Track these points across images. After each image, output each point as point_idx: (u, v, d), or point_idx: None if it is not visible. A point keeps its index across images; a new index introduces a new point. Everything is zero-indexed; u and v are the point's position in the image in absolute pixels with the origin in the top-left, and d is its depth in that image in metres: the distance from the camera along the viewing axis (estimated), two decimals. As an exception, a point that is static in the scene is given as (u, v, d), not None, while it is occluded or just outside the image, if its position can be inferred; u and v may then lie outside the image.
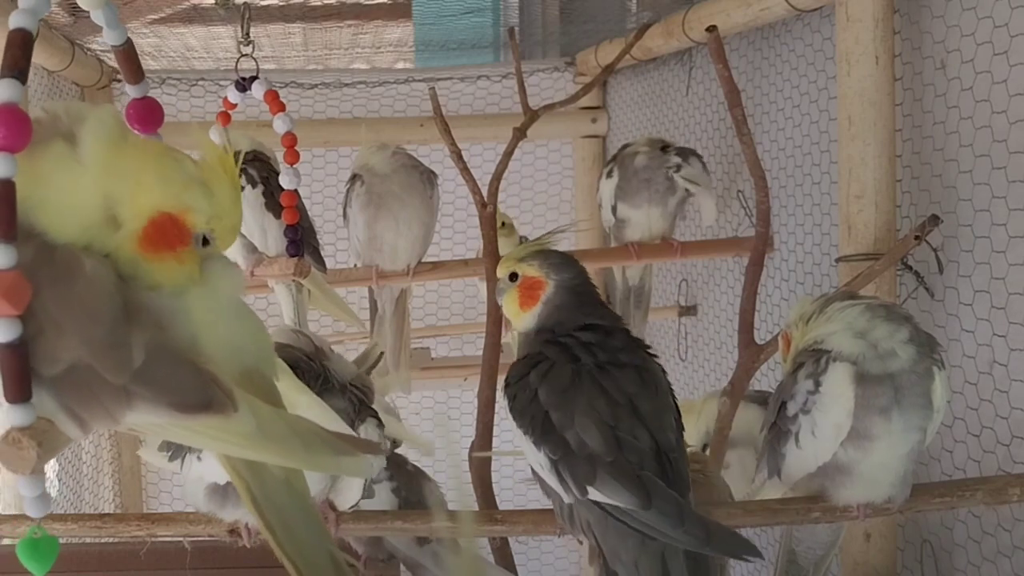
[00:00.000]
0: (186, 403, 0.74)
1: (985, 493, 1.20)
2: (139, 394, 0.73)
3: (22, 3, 0.72)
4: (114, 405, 0.73)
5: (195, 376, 0.74)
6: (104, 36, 0.84)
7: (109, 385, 0.72)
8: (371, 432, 1.25)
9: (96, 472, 2.81)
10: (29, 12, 0.72)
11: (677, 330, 2.57)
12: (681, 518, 1.01)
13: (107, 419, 0.74)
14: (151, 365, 0.73)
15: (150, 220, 0.74)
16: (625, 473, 1.03)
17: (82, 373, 0.72)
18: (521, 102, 1.79)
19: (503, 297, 1.18)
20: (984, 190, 1.40)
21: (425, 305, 3.12)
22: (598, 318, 1.15)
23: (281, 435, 0.77)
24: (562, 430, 1.06)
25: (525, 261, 1.17)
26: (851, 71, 1.54)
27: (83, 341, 0.71)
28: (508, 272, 1.18)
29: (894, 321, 1.14)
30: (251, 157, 1.88)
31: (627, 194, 2.03)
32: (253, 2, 1.67)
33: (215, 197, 0.76)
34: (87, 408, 0.73)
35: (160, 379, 0.73)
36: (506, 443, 2.73)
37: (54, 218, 0.72)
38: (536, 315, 1.15)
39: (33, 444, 0.70)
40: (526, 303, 1.16)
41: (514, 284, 1.17)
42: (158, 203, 0.74)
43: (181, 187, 0.75)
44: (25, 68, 0.71)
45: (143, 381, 0.73)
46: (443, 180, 2.18)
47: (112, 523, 1.21)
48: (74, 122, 0.76)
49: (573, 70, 3.06)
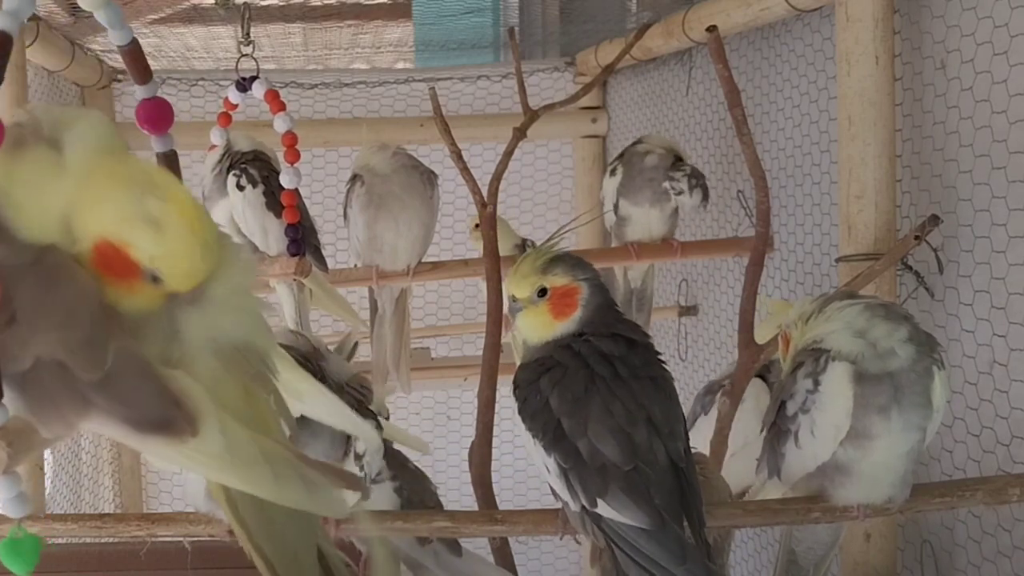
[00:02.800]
0: (142, 420, 0.73)
1: (985, 493, 1.19)
2: (97, 404, 0.72)
3: (5, 5, 0.72)
4: (71, 411, 0.72)
5: (157, 394, 0.73)
6: (110, 36, 0.84)
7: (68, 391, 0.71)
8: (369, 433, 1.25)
9: (96, 472, 2.81)
10: (11, 14, 0.72)
11: (677, 330, 2.58)
12: (683, 555, 1.01)
13: (62, 424, 0.74)
14: (114, 376, 0.72)
15: (94, 244, 0.73)
16: (638, 491, 1.02)
17: (44, 375, 0.71)
18: (521, 102, 1.79)
19: (523, 314, 1.12)
20: (984, 190, 1.40)
21: (425, 305, 3.12)
22: (622, 323, 1.13)
23: (250, 460, 0.75)
24: (574, 438, 1.05)
25: (550, 272, 1.12)
26: (851, 71, 1.54)
27: (59, 339, 0.71)
28: (536, 288, 1.12)
29: (893, 320, 1.14)
30: (251, 157, 1.89)
31: (630, 191, 2.03)
32: (253, 2, 1.67)
33: (164, 240, 0.72)
34: (43, 411, 0.73)
35: (120, 392, 0.72)
36: (506, 443, 2.74)
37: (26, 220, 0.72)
38: (577, 320, 1.11)
39: (2, 445, 0.70)
40: (563, 312, 1.11)
41: (544, 299, 1.11)
42: (101, 230, 0.73)
43: (126, 221, 0.72)
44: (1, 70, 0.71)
45: (103, 391, 0.72)
46: (443, 180, 2.18)
47: (112, 523, 1.21)
48: (59, 128, 0.75)
49: (573, 70, 3.06)
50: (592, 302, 1.12)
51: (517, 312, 1.13)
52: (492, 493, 1.55)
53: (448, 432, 3.14)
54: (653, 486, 1.04)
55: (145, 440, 0.74)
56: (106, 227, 0.72)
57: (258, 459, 0.75)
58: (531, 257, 1.14)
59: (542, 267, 1.12)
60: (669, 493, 1.05)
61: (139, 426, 0.73)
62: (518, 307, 1.13)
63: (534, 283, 1.12)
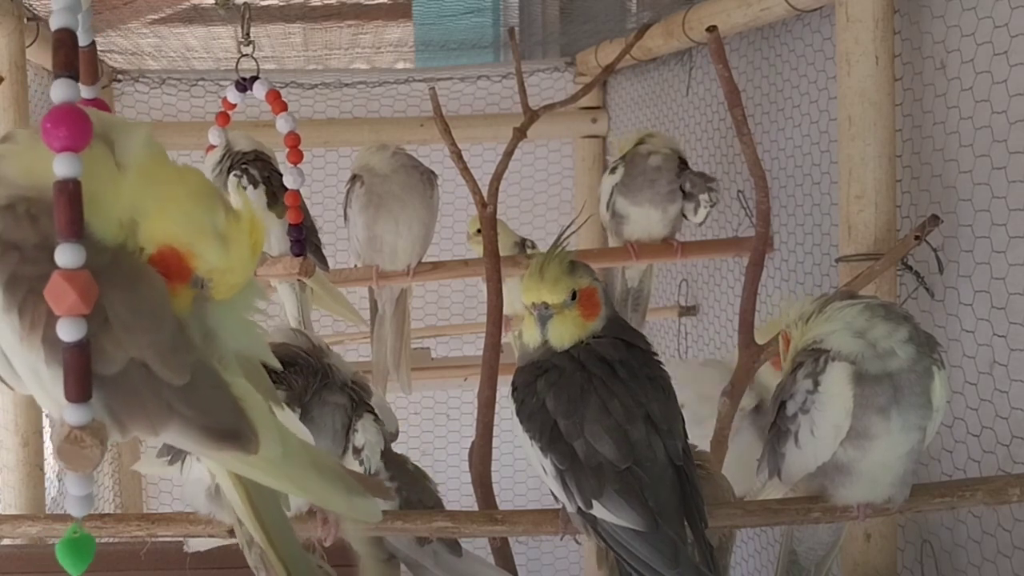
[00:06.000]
0: (217, 430, 0.74)
1: (985, 493, 1.20)
2: (179, 412, 0.73)
3: (59, 2, 0.71)
4: (157, 416, 0.73)
5: (230, 404, 0.74)
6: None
7: (156, 396, 0.72)
8: (368, 427, 1.25)
9: (96, 472, 2.80)
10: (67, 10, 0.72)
11: (677, 330, 2.58)
12: (676, 559, 1.02)
13: (148, 429, 0.74)
14: (194, 384, 0.73)
15: (159, 249, 0.74)
16: (632, 493, 1.03)
17: (134, 378, 0.72)
18: (521, 102, 1.79)
19: (556, 320, 1.10)
20: (984, 190, 1.40)
21: (425, 305, 3.12)
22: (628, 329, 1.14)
23: (303, 466, 0.77)
24: (570, 439, 1.05)
25: (575, 275, 1.11)
26: (851, 71, 1.54)
27: (150, 342, 0.71)
28: (569, 292, 1.10)
29: (893, 320, 1.14)
30: (252, 157, 1.88)
31: (630, 190, 2.02)
32: (253, 2, 1.67)
33: (228, 255, 0.75)
34: (131, 414, 0.73)
35: (199, 400, 0.73)
36: (506, 443, 2.74)
37: (97, 216, 0.72)
38: (603, 318, 1.12)
39: (96, 442, 0.70)
40: (592, 312, 1.11)
41: (575, 302, 1.10)
42: (171, 238, 0.74)
43: (199, 234, 0.74)
44: (77, 66, 0.71)
45: (184, 398, 0.72)
46: (443, 180, 2.18)
47: (112, 523, 1.21)
48: (107, 127, 0.75)
49: (573, 70, 3.06)
50: (608, 301, 1.13)
51: (548, 319, 1.10)
52: (492, 493, 1.55)
53: (448, 432, 3.15)
54: (648, 488, 1.04)
55: (218, 451, 0.74)
56: (176, 236, 0.74)
57: (309, 464, 0.77)
58: (554, 261, 1.11)
59: (563, 272, 1.11)
60: (669, 491, 1.05)
61: (214, 435, 0.74)
62: (549, 313, 1.10)
63: (567, 286, 1.10)
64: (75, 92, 0.69)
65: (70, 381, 0.69)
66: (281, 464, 0.76)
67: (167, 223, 0.74)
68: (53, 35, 0.71)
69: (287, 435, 0.77)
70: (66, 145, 0.68)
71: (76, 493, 0.73)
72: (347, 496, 0.79)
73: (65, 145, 0.68)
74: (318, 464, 0.78)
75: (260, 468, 0.77)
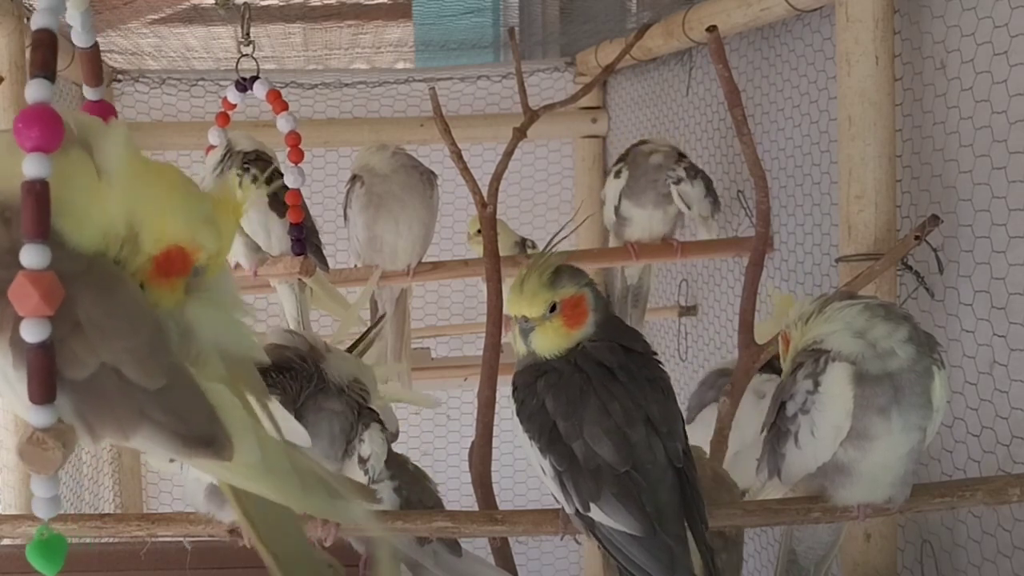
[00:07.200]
0: (190, 436, 0.73)
1: (985, 493, 1.20)
2: (151, 417, 0.72)
3: (42, 3, 0.71)
4: (127, 421, 0.72)
5: (204, 409, 0.74)
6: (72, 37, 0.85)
7: (127, 401, 0.72)
8: (375, 438, 1.24)
9: (96, 472, 2.81)
10: (49, 11, 0.72)
11: (677, 330, 2.58)
12: (672, 565, 1.02)
13: (118, 434, 0.74)
14: (168, 389, 0.73)
15: (166, 250, 0.74)
16: (630, 497, 1.03)
17: (105, 382, 0.71)
18: (521, 102, 1.79)
19: (537, 333, 1.10)
20: (984, 190, 1.40)
21: (425, 305, 3.12)
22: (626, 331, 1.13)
23: (282, 471, 0.76)
24: (569, 440, 1.05)
25: (557, 286, 1.09)
26: (851, 71, 1.54)
27: (125, 348, 0.71)
28: (548, 306, 1.09)
29: (893, 320, 1.14)
30: (253, 157, 1.88)
31: (634, 192, 2.03)
32: (253, 2, 1.67)
33: (221, 238, 0.77)
34: (101, 419, 0.73)
35: (173, 405, 0.73)
36: (506, 443, 2.74)
37: (74, 223, 0.72)
38: (592, 323, 1.10)
39: (58, 444, 0.70)
40: (578, 321, 1.10)
41: (555, 313, 1.09)
42: (178, 236, 0.74)
43: (200, 225, 0.75)
44: (54, 67, 0.71)
45: (158, 403, 0.72)
46: (443, 180, 2.18)
47: (112, 523, 1.21)
48: (85, 131, 0.75)
49: (573, 70, 3.06)
50: (599, 305, 1.12)
51: (529, 331, 1.10)
52: (492, 493, 1.55)
53: (448, 432, 3.15)
54: (646, 492, 1.04)
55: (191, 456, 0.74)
56: (181, 233, 0.74)
57: (288, 469, 0.77)
58: (534, 273, 1.10)
59: (549, 281, 1.09)
60: (669, 493, 1.05)
61: (188, 442, 0.73)
62: (530, 326, 1.10)
63: (545, 300, 1.09)
64: (49, 93, 0.69)
65: (33, 383, 0.69)
66: (259, 469, 0.76)
67: (169, 224, 0.74)
68: (33, 34, 0.71)
69: (266, 440, 0.77)
70: (37, 145, 0.68)
71: (42, 495, 0.73)
72: (329, 500, 0.78)
73: (36, 145, 0.68)
74: (300, 468, 0.77)
75: (237, 473, 0.76)
